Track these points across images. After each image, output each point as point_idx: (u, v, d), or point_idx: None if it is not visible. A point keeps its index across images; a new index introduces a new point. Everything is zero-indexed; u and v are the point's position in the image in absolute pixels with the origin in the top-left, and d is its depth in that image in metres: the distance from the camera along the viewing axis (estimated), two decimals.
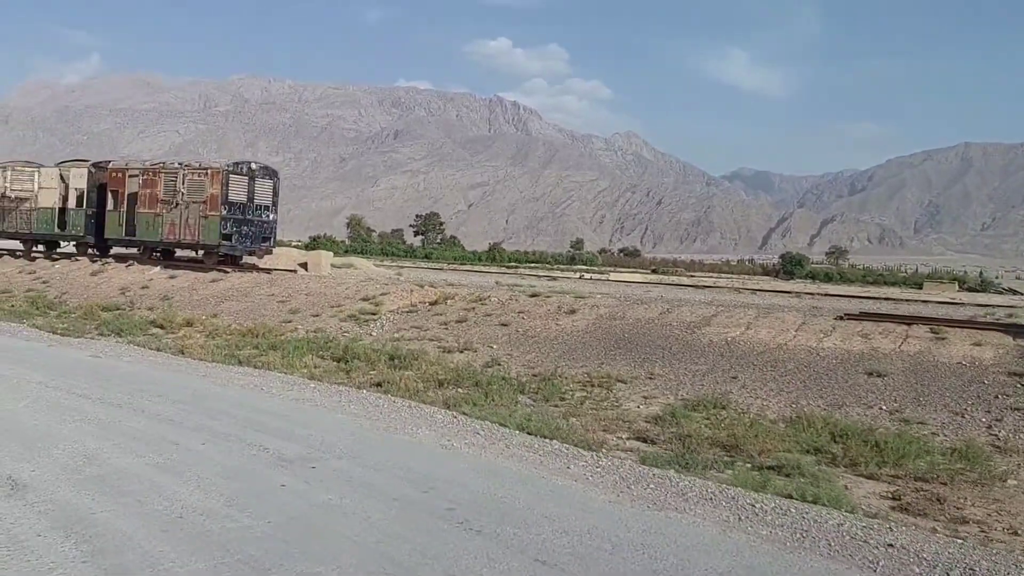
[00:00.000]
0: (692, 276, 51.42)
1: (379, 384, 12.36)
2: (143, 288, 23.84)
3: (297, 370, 13.42)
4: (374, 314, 19.24)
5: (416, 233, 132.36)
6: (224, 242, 24.76)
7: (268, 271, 24.85)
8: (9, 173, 28.18)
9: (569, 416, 10.54)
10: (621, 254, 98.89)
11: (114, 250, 29.11)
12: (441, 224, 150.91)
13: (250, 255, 25.96)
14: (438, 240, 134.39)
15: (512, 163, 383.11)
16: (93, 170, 27.46)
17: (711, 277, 49.92)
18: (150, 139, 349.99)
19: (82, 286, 24.69)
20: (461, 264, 74.21)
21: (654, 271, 56.25)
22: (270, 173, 26.57)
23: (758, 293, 29.53)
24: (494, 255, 70.11)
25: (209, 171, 25.00)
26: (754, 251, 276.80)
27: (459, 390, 12.07)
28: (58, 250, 30.10)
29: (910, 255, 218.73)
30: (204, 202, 24.81)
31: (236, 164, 25.50)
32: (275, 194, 26.45)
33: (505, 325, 17.18)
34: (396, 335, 17.59)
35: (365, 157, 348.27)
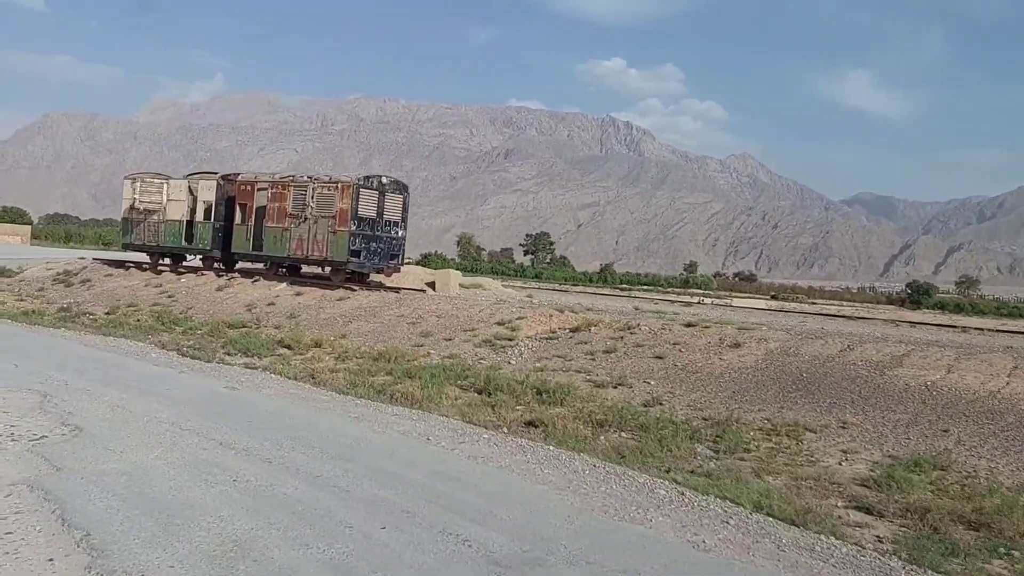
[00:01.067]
0: (814, 303, 48.11)
1: (532, 423, 11.24)
2: (269, 305, 23.17)
3: (440, 403, 12.33)
4: (511, 340, 18.03)
5: (526, 252, 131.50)
6: (352, 259, 23.86)
7: (396, 290, 23.79)
8: (139, 184, 28.16)
9: (762, 473, 9.01)
10: (736, 278, 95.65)
11: (239, 265, 28.68)
12: (551, 244, 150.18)
13: (378, 273, 25.00)
14: (547, 260, 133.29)
15: (623, 184, 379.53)
16: (222, 182, 27.06)
17: (834, 305, 46.78)
18: (268, 156, 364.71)
19: (208, 301, 24.26)
20: (573, 285, 72.88)
21: (774, 297, 53.12)
22: (400, 187, 25.56)
23: (918, 327, 26.79)
24: (605, 276, 68.44)
25: (339, 185, 24.10)
26: (875, 278, 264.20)
27: (622, 434, 11.02)
28: (184, 264, 29.86)
29: None
30: (333, 217, 23.97)
31: (366, 178, 24.55)
32: (405, 209, 25.44)
33: (660, 358, 15.73)
34: (538, 364, 16.25)
35: (475, 176, 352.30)
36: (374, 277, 25.87)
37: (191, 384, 10.43)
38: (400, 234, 25.40)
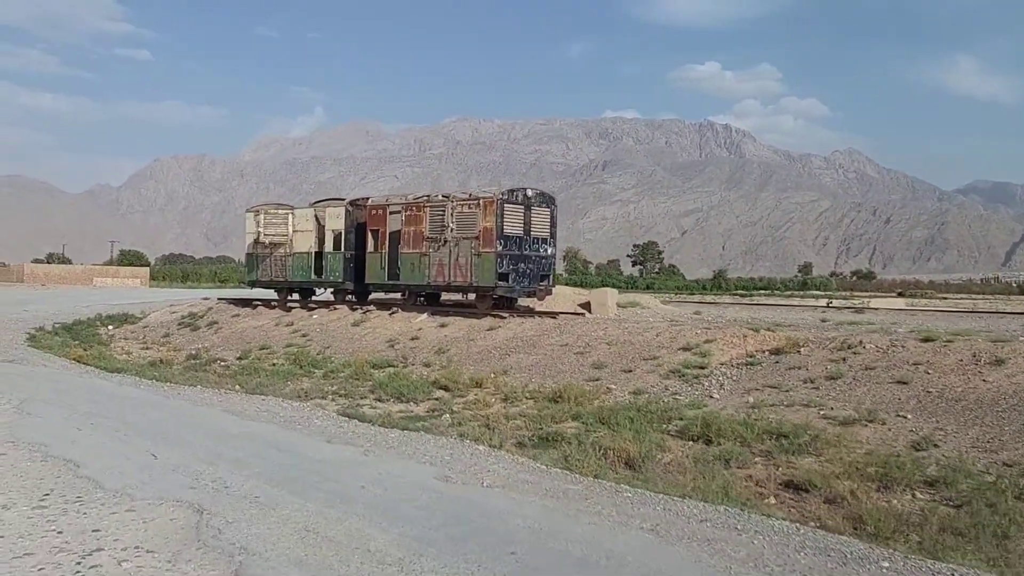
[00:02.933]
0: (945, 298, 42.83)
1: (794, 486, 8.87)
2: (412, 340, 20.91)
3: (658, 460, 10.06)
4: (702, 368, 15.28)
5: (633, 263, 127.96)
6: (500, 283, 21.26)
7: (551, 315, 20.94)
8: (262, 217, 26.38)
9: None
10: (854, 277, 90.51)
11: (372, 296, 26.54)
12: (660, 253, 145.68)
13: (529, 296, 22.25)
14: (656, 270, 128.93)
15: (726, 187, 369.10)
16: (351, 209, 25.04)
17: (969, 299, 41.66)
18: (370, 185, 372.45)
19: (344, 339, 22.24)
20: (689, 294, 68.93)
21: (901, 295, 48.01)
22: (547, 200, 22.82)
23: None
24: (719, 283, 64.52)
25: (481, 201, 21.55)
26: (996, 268, 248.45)
27: (915, 495, 8.56)
28: (314, 298, 27.93)
29: None
30: (476, 238, 21.51)
31: (511, 191, 21.88)
32: (553, 224, 22.73)
33: (903, 383, 12.89)
34: (748, 399, 13.47)
35: (574, 189, 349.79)
36: (523, 301, 23.08)
37: (388, 476, 7.61)
38: (549, 252, 22.69)
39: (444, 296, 25.16)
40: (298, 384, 17.17)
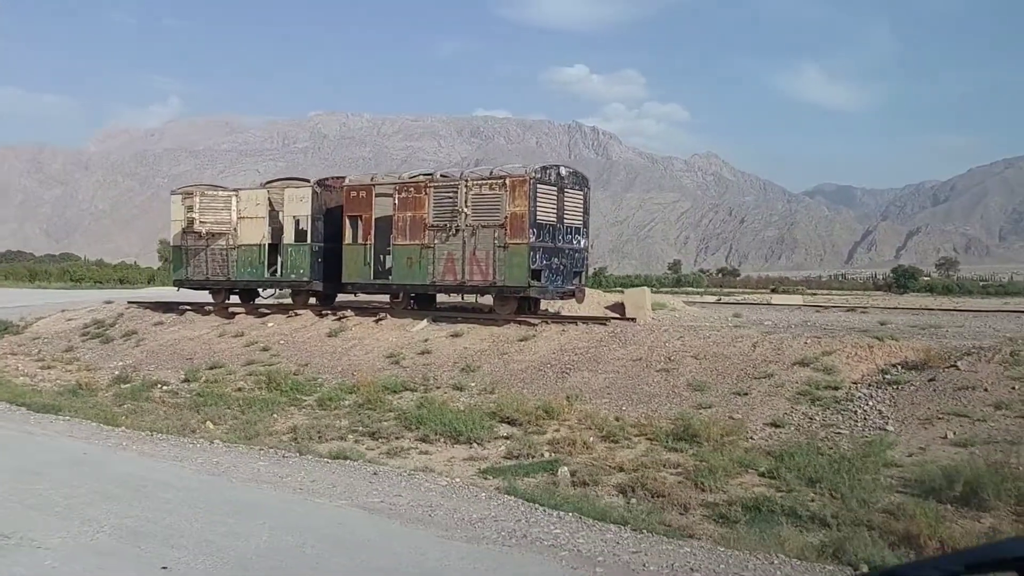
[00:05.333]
0: (815, 295, 43.74)
1: None
2: (422, 354, 16.84)
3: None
4: (836, 388, 12.58)
5: None
6: (533, 282, 17.33)
7: (602, 321, 17.43)
8: (197, 200, 21.33)
9: None
10: (720, 274, 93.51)
11: (342, 298, 22.31)
12: None
13: (564, 297, 18.82)
14: None
15: (594, 187, 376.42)
16: (319, 191, 20.62)
17: (833, 296, 42.64)
18: (230, 179, 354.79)
19: (324, 353, 17.89)
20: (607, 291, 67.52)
21: (774, 291, 48.43)
22: (581, 181, 19.48)
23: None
24: (600, 279, 63.47)
25: (507, 181, 17.76)
26: (840, 266, 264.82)
27: None
28: (259, 300, 23.30)
29: (998, 263, 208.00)
30: (502, 226, 17.70)
31: (543, 169, 18.09)
32: (586, 211, 19.33)
33: None
34: (934, 431, 10.56)
35: None
36: (549, 303, 19.42)
37: None
38: (583, 244, 19.20)
39: (440, 298, 20.86)
40: (289, 417, 13.54)
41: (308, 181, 21.38)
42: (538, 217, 17.55)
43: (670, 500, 9.02)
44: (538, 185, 17.60)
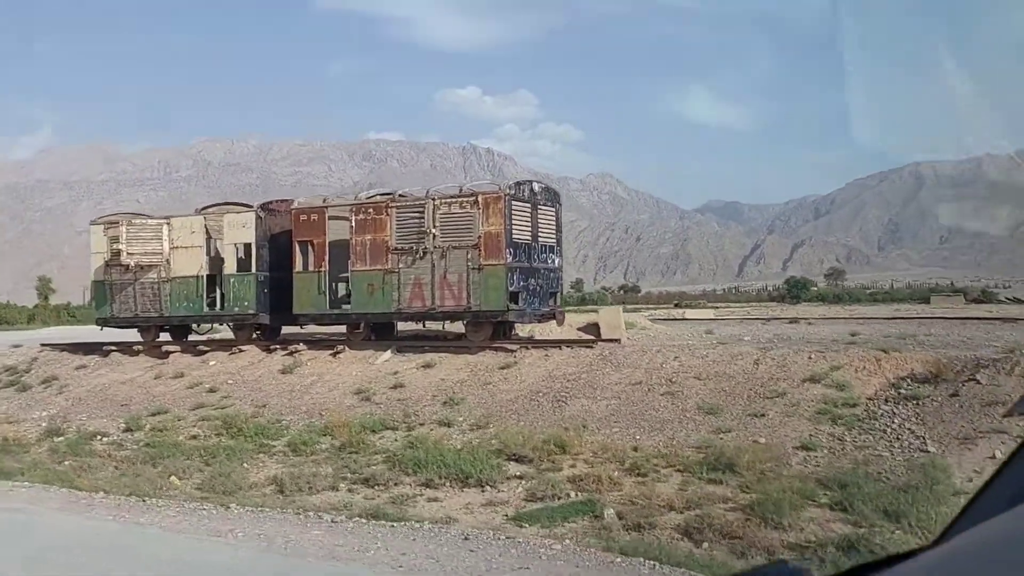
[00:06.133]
0: (718, 308, 45.63)
1: None
2: (395, 388, 15.78)
3: None
4: (853, 405, 12.23)
5: None
6: (512, 305, 16.61)
7: (588, 343, 16.77)
8: (124, 229, 19.69)
9: None
10: (621, 291, 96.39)
11: (288, 331, 20.93)
12: None
13: (542, 320, 18.01)
14: None
15: None
16: (263, 215, 19.33)
17: (733, 308, 44.71)
18: (109, 210, 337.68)
19: (281, 392, 16.67)
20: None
21: (677, 305, 50.30)
22: (553, 197, 18.90)
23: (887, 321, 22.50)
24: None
25: (480, 199, 17.01)
26: (732, 279, 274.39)
27: None
28: (194, 337, 21.58)
29: (877, 272, 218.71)
30: (475, 246, 16.78)
31: (517, 186, 17.44)
32: (559, 227, 18.77)
33: None
34: (976, 450, 10.21)
35: None
36: (520, 327, 18.64)
37: None
38: (557, 263, 18.51)
39: (401, 327, 19.60)
40: (262, 467, 12.57)
41: (250, 206, 20.02)
42: (514, 236, 16.79)
43: (748, 542, 8.37)
44: (513, 202, 16.85)
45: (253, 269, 19.07)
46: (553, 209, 18.34)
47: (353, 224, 17.91)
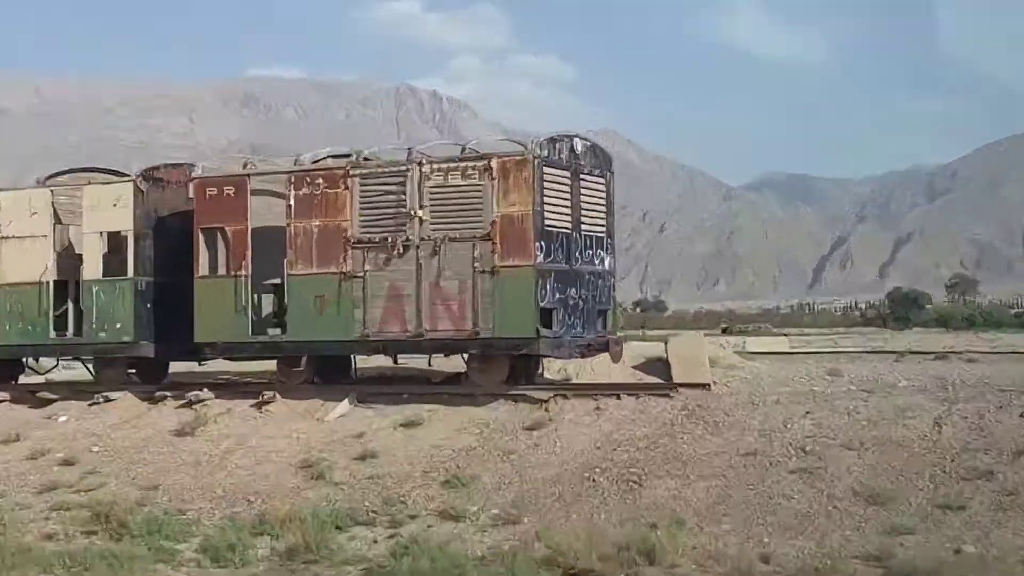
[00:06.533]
0: (789, 334, 46.25)
1: None
2: (362, 460, 16.17)
3: None
4: None
5: None
6: (544, 329, 16.84)
7: (661, 391, 17.05)
8: None
9: None
10: (638, 310, 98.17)
11: (178, 367, 21.87)
12: None
13: (589, 353, 18.37)
14: None
15: None
16: (145, 188, 19.67)
17: (810, 334, 45.03)
18: None
19: (178, 465, 17.09)
20: None
21: (726, 331, 50.82)
22: (602, 161, 19.18)
23: None
24: None
25: (495, 163, 17.12)
26: (802, 291, 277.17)
27: None
28: (26, 380, 22.20)
29: (1021, 281, 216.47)
30: (487, 237, 17.03)
31: (551, 143, 17.65)
32: (610, 209, 19.25)
33: None
34: None
35: None
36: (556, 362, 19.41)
37: None
38: (608, 264, 18.99)
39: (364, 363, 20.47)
40: None
41: (124, 174, 20.67)
42: (547, 222, 16.98)
43: None
44: (545, 168, 17.00)
45: (130, 272, 19.30)
46: (603, 180, 18.70)
47: (292, 202, 18.03)
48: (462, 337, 17.27)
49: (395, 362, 19.75)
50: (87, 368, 21.14)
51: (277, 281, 18.67)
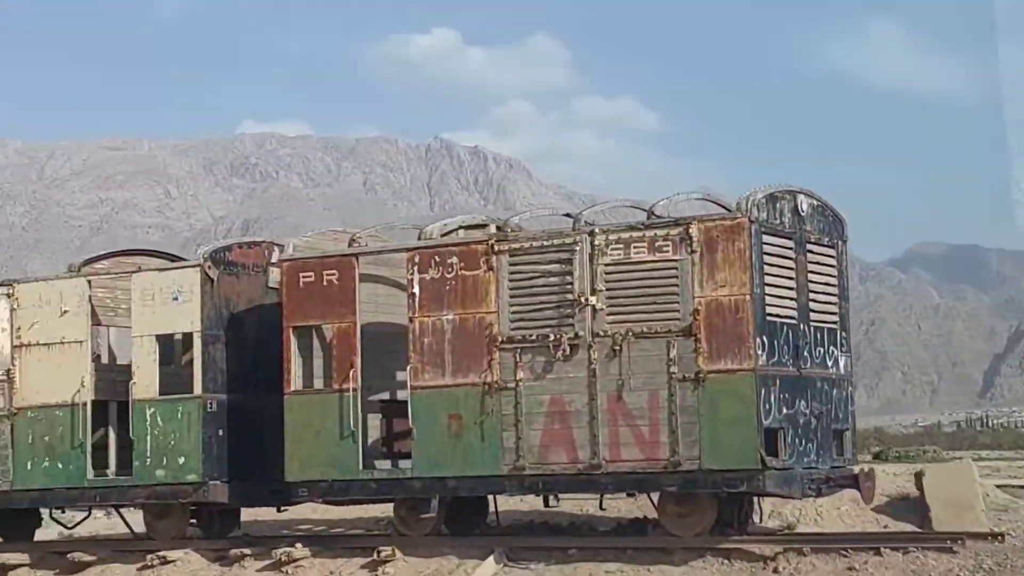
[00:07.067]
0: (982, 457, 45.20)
1: None
2: None
3: None
4: None
5: None
6: (770, 458, 16.26)
7: (936, 541, 16.62)
8: None
9: None
10: None
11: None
12: None
13: (829, 489, 17.99)
14: None
15: None
16: (215, 273, 19.78)
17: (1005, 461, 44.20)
18: None
19: None
20: None
21: (878, 456, 50.44)
22: (831, 226, 18.85)
23: None
24: None
25: (696, 228, 16.77)
26: (972, 400, 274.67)
27: None
28: (44, 534, 23.11)
29: None
30: (687, 332, 16.63)
31: (771, 201, 17.30)
32: (844, 292, 18.94)
33: None
34: None
35: None
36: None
37: None
38: (844, 366, 18.53)
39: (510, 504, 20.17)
40: None
41: (177, 257, 21.89)
42: (769, 309, 16.61)
43: None
44: (765, 237, 16.72)
45: (197, 388, 19.26)
46: (834, 251, 18.45)
47: (416, 289, 17.98)
48: (656, 469, 16.79)
49: (547, 504, 19.54)
50: (122, 518, 21.52)
51: (386, 396, 19.15)
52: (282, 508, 21.06)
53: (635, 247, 16.93)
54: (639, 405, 16.69)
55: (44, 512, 22.17)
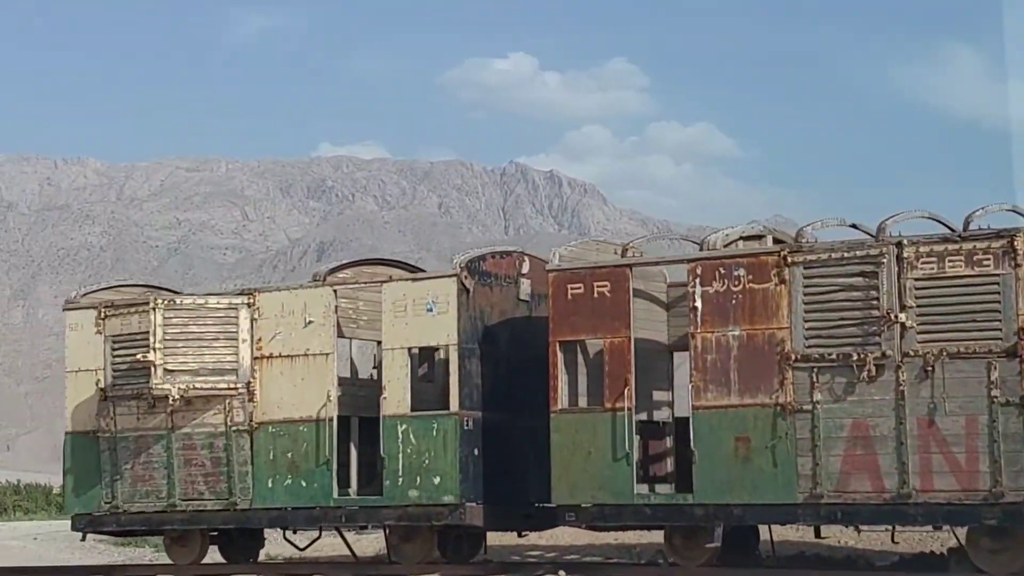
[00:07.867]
0: None
1: None
2: None
3: None
4: None
5: None
6: None
7: None
8: (157, 315, 20.02)
9: None
10: None
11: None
12: None
13: None
14: None
15: None
16: (470, 284, 19.32)
17: None
18: None
19: None
20: None
21: None
22: None
23: None
24: None
25: (1015, 241, 15.92)
26: None
27: None
28: (273, 555, 23.17)
29: None
30: (1009, 352, 15.82)
31: None
32: None
33: None
34: None
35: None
36: None
37: None
38: None
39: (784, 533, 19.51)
40: None
41: (413, 267, 22.29)
42: None
43: None
44: None
45: (453, 405, 18.80)
46: None
47: (698, 302, 17.26)
48: (973, 501, 15.85)
49: (817, 535, 19.03)
50: (344, 540, 21.36)
51: (663, 416, 19.09)
52: (523, 534, 20.87)
53: (950, 260, 16.10)
54: (954, 431, 15.89)
55: (267, 533, 21.91)
